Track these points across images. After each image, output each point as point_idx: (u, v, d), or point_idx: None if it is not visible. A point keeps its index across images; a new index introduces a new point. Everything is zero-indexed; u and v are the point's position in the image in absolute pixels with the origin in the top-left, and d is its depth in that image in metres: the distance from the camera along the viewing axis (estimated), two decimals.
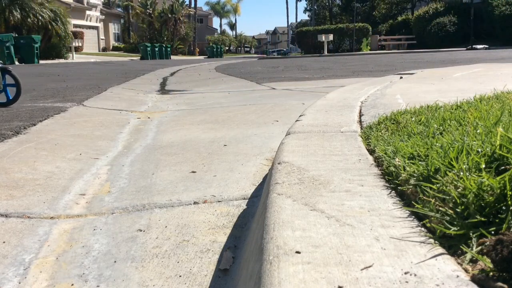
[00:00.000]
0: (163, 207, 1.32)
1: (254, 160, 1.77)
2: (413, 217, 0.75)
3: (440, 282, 0.55)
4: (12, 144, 2.04)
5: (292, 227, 0.74)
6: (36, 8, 20.91)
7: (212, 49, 33.29)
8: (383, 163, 1.02)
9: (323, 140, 1.41)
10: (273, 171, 1.14)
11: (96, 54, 30.51)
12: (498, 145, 0.84)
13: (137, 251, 1.05)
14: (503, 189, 0.67)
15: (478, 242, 0.61)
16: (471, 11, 22.24)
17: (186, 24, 37.96)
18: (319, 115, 1.93)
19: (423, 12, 26.68)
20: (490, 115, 1.28)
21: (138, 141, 2.29)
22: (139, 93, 4.74)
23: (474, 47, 19.06)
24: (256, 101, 3.69)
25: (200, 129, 2.55)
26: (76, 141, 2.24)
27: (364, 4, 38.11)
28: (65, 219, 1.26)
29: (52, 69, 10.97)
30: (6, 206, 1.31)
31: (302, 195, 0.89)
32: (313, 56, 19.96)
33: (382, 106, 2.03)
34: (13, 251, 1.06)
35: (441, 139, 1.01)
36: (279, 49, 64.80)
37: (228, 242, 1.08)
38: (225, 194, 1.40)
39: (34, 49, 17.54)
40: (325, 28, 29.23)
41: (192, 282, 0.91)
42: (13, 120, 2.82)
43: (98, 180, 1.63)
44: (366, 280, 0.56)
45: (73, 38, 23.32)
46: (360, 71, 7.40)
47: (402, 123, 1.40)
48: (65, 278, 0.95)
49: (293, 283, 0.57)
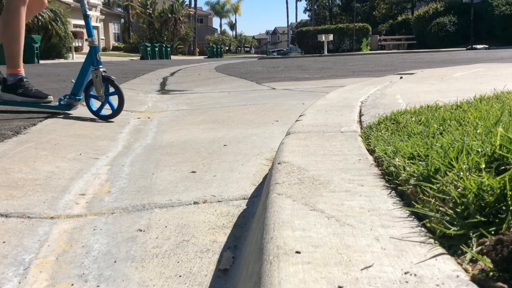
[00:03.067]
0: (163, 207, 1.32)
1: (254, 160, 1.77)
2: (413, 217, 0.75)
3: (440, 282, 0.55)
4: (12, 144, 2.04)
5: (292, 227, 0.74)
6: None
7: (212, 49, 33.29)
8: (383, 163, 1.02)
9: (323, 140, 1.41)
10: (273, 171, 1.14)
11: None
12: (498, 145, 0.84)
13: (137, 251, 1.05)
14: (503, 189, 0.67)
15: (478, 242, 0.61)
16: (471, 11, 22.24)
17: (186, 24, 37.95)
18: (319, 115, 1.93)
19: (423, 12, 26.69)
20: (490, 115, 1.28)
21: (138, 141, 2.29)
22: (139, 93, 4.74)
23: (474, 47, 19.07)
24: (256, 101, 3.69)
25: (200, 129, 2.55)
26: (76, 141, 2.24)
27: (364, 4, 38.12)
28: (65, 219, 1.26)
29: (52, 69, 10.97)
30: (6, 206, 1.31)
31: (302, 195, 0.89)
32: (313, 56, 19.96)
33: (382, 106, 2.03)
34: (13, 251, 1.06)
35: (441, 139, 1.01)
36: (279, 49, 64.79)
37: (228, 242, 1.08)
38: (225, 194, 1.40)
39: (34, 49, 17.53)
40: (325, 28, 29.23)
41: (192, 282, 0.91)
42: (13, 120, 2.82)
43: (98, 180, 1.63)
44: (366, 280, 0.56)
45: (73, 38, 23.31)
46: (360, 71, 7.40)
47: (402, 123, 1.40)
48: (65, 278, 0.95)
49: (293, 283, 0.57)
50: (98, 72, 2.77)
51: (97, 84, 2.78)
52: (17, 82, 2.94)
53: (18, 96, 2.93)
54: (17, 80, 2.94)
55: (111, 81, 2.81)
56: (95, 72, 2.77)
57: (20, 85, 2.94)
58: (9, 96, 2.94)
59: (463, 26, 23.71)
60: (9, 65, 2.96)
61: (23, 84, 2.95)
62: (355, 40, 27.48)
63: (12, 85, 2.94)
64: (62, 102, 2.89)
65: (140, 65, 13.52)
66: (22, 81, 2.96)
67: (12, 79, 2.94)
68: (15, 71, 2.97)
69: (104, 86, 2.80)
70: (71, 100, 2.88)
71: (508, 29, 21.10)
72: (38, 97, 2.95)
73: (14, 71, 2.96)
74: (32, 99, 2.93)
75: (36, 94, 2.95)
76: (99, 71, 2.76)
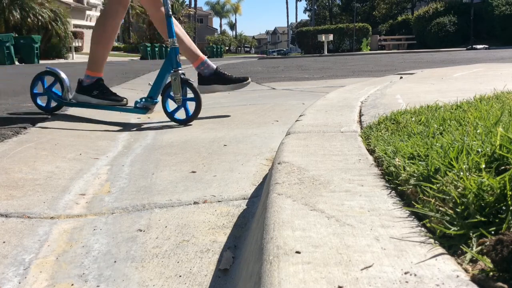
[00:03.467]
0: (163, 207, 1.32)
1: (254, 160, 1.77)
2: (413, 217, 0.75)
3: (440, 282, 0.55)
4: (12, 144, 2.04)
5: (292, 227, 0.74)
6: (36, 8, 20.91)
7: (212, 49, 33.31)
8: (383, 163, 1.02)
9: (323, 140, 1.41)
10: (273, 171, 1.14)
11: None
12: (498, 145, 0.84)
13: (137, 251, 1.05)
14: (503, 189, 0.67)
15: (478, 242, 0.61)
16: (471, 11, 22.24)
17: (186, 24, 37.99)
18: (319, 115, 1.93)
19: (423, 12, 26.69)
20: (490, 115, 1.28)
21: (138, 141, 2.29)
22: (139, 93, 4.74)
23: (474, 47, 19.06)
24: (256, 101, 3.69)
25: (200, 129, 2.55)
26: (76, 141, 2.24)
27: (364, 4, 38.12)
28: (65, 219, 1.26)
29: None
30: (6, 206, 1.31)
31: (302, 195, 0.89)
32: (313, 56, 19.96)
33: (382, 106, 2.03)
34: (13, 251, 1.06)
35: (441, 139, 1.01)
36: (279, 49, 64.78)
37: (228, 242, 1.08)
38: (225, 194, 1.40)
39: (34, 49, 17.54)
40: (325, 28, 29.24)
41: (192, 282, 0.91)
42: (13, 120, 2.82)
43: (98, 180, 1.63)
44: (366, 280, 0.56)
45: (73, 38, 23.33)
46: (360, 71, 7.40)
47: (402, 123, 1.40)
48: (65, 278, 0.95)
49: (293, 283, 0.57)
50: (177, 74, 2.66)
51: (175, 86, 2.67)
52: (93, 83, 2.88)
53: (93, 98, 2.87)
54: (93, 82, 2.89)
55: (190, 84, 2.70)
56: (174, 74, 2.67)
57: (96, 87, 2.89)
58: (84, 98, 2.89)
59: (463, 26, 23.71)
60: (89, 66, 2.90)
61: (99, 86, 2.90)
62: (355, 40, 27.48)
63: (88, 87, 2.88)
64: (138, 105, 2.80)
65: (140, 65, 13.52)
66: (99, 83, 2.90)
67: (89, 81, 2.89)
68: (93, 74, 2.90)
69: (182, 89, 2.70)
70: (148, 103, 2.79)
71: (508, 29, 21.10)
72: (114, 100, 2.89)
73: (93, 73, 2.90)
74: (107, 101, 2.87)
75: (111, 97, 2.90)
76: (178, 73, 2.67)
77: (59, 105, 2.94)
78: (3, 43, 16.09)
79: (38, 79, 2.94)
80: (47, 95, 2.92)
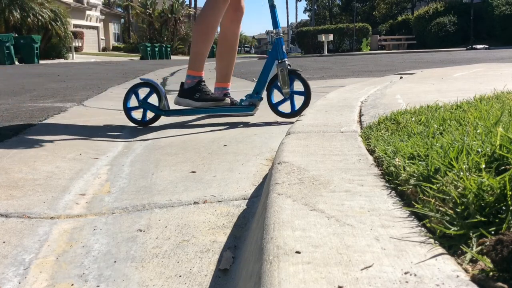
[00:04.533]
0: (163, 207, 1.32)
1: (254, 160, 1.77)
2: (413, 217, 0.75)
3: (440, 282, 0.55)
4: (12, 143, 2.04)
5: (292, 227, 0.74)
6: (36, 8, 20.91)
7: (212, 49, 33.25)
8: (383, 163, 1.02)
9: (323, 140, 1.41)
10: (273, 171, 1.14)
11: (96, 54, 30.52)
12: (498, 145, 0.84)
13: (137, 251, 1.05)
14: (503, 189, 0.67)
15: (478, 242, 0.61)
16: (471, 11, 22.23)
17: (186, 24, 37.93)
18: (319, 115, 1.93)
19: (423, 12, 26.68)
20: (490, 115, 1.28)
21: (138, 141, 2.29)
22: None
23: (474, 47, 19.06)
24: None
25: (200, 129, 2.55)
26: (76, 141, 2.24)
27: (364, 4, 38.12)
28: (65, 219, 1.26)
29: (52, 69, 10.98)
30: (6, 206, 1.31)
31: (302, 195, 0.89)
32: (313, 56, 19.96)
33: (382, 106, 2.03)
34: (13, 251, 1.06)
35: (441, 139, 1.01)
36: None
37: (228, 242, 1.08)
38: (225, 194, 1.40)
39: (34, 49, 17.54)
40: (325, 28, 29.23)
41: (192, 282, 0.91)
42: (13, 120, 2.82)
43: (98, 180, 1.63)
44: (366, 280, 0.56)
45: (73, 38, 23.33)
46: (360, 71, 7.40)
47: (402, 123, 1.40)
48: (65, 278, 0.95)
49: (293, 283, 0.57)
50: (284, 65, 2.55)
51: (283, 78, 2.55)
52: (195, 85, 2.75)
53: (196, 102, 2.73)
54: (195, 84, 2.76)
55: (298, 75, 2.57)
56: (280, 65, 2.56)
57: (198, 89, 2.75)
58: (186, 101, 2.75)
59: (463, 26, 23.71)
60: (191, 66, 2.77)
61: (201, 88, 2.75)
62: (355, 40, 27.48)
63: (190, 89, 2.75)
64: (244, 103, 2.69)
65: (140, 65, 13.52)
66: (200, 84, 2.76)
67: (190, 82, 2.76)
68: (194, 73, 2.76)
69: (290, 80, 2.57)
70: (254, 99, 2.67)
71: (508, 29, 21.10)
72: (216, 100, 2.75)
73: (194, 73, 2.76)
74: (210, 103, 2.73)
75: (214, 98, 2.76)
76: (285, 63, 2.55)
77: (156, 117, 2.72)
78: (3, 43, 16.09)
79: (131, 92, 2.71)
80: (142, 107, 2.69)
